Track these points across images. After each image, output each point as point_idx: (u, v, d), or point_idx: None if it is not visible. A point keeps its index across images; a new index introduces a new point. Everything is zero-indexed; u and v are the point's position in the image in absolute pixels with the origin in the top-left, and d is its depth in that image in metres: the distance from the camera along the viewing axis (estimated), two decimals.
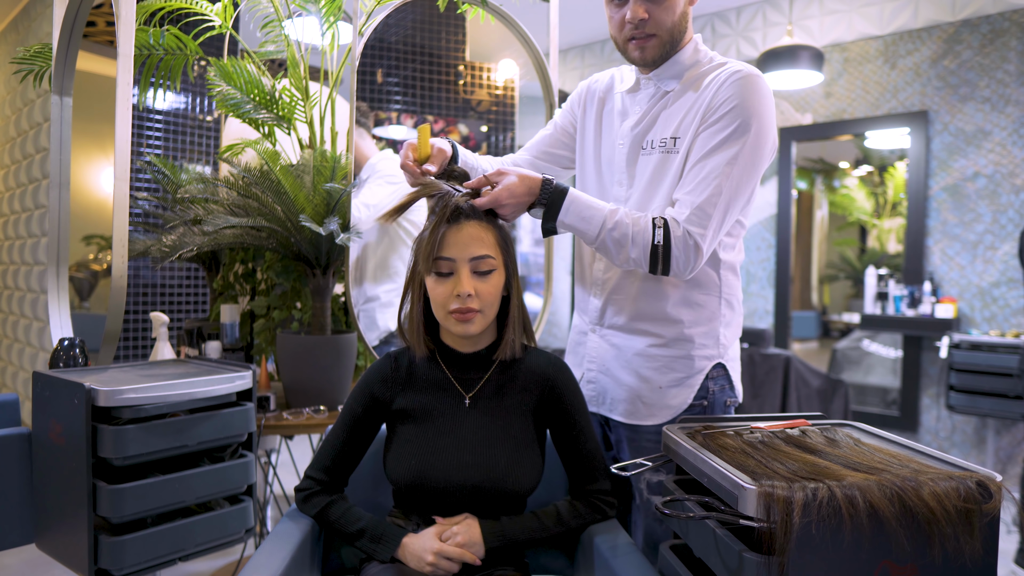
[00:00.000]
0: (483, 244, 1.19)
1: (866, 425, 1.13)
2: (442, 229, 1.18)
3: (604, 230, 1.21)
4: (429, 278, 1.20)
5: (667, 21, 1.25)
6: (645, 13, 1.24)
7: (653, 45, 1.27)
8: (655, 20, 1.24)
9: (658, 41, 1.26)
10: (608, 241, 1.22)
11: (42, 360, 3.66)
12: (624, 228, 1.21)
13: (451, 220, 1.19)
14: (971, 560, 0.81)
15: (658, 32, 1.25)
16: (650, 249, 1.20)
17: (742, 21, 4.48)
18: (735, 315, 1.37)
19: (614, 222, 1.21)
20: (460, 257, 1.17)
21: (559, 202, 1.22)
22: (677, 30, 1.27)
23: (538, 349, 1.32)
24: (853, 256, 6.52)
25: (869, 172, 6.01)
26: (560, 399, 1.26)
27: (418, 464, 1.20)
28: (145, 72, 2.16)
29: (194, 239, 1.85)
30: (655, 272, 1.23)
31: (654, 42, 1.26)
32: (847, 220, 6.35)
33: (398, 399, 1.26)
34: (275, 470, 2.51)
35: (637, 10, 1.23)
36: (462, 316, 1.18)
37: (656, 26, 1.25)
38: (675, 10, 1.25)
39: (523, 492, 1.22)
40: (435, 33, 3.11)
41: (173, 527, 1.42)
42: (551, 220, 1.23)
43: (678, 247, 1.19)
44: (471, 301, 1.17)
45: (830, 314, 6.78)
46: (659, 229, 1.20)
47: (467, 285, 1.16)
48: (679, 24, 1.27)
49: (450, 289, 1.18)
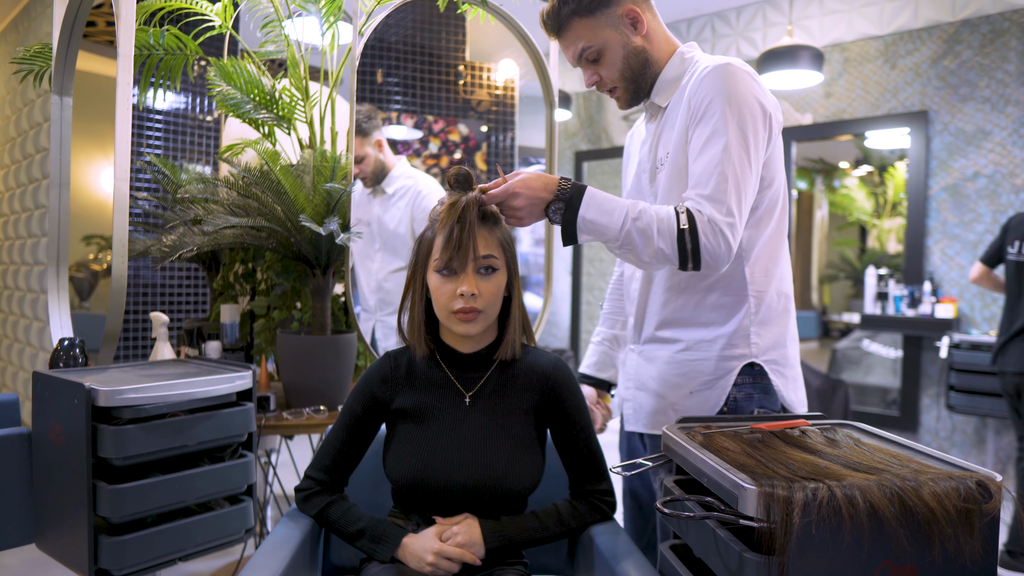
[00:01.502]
0: (488, 244, 1.19)
1: (866, 425, 1.13)
2: (448, 228, 1.18)
3: (628, 220, 1.16)
4: (433, 277, 1.20)
5: (613, 75, 1.33)
6: (596, 76, 1.34)
7: (619, 94, 1.36)
8: (604, 79, 1.34)
9: (620, 90, 1.35)
10: (633, 232, 1.16)
11: (42, 360, 3.66)
12: (648, 217, 1.17)
13: (459, 220, 1.19)
14: (971, 560, 0.81)
15: (615, 84, 1.34)
16: (676, 235, 1.15)
17: (742, 21, 4.48)
18: (770, 311, 1.30)
19: (637, 211, 1.17)
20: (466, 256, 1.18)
21: (579, 196, 1.19)
22: (632, 70, 1.32)
23: (538, 349, 1.32)
24: (853, 256, 6.52)
25: (869, 172, 6.01)
26: (560, 399, 1.27)
27: (418, 463, 1.20)
28: (145, 72, 2.16)
29: (194, 239, 1.85)
30: (686, 265, 1.17)
31: (619, 92, 1.35)
32: (847, 220, 6.35)
33: (398, 398, 1.27)
34: (275, 470, 2.51)
35: (588, 77, 1.35)
36: (465, 316, 1.18)
37: (610, 81, 1.34)
38: (616, 62, 1.31)
39: (523, 491, 1.22)
40: (435, 33, 3.11)
41: (173, 527, 1.42)
42: (571, 213, 1.19)
43: (705, 234, 1.15)
44: (474, 301, 1.17)
45: (830, 314, 6.78)
46: (682, 214, 1.16)
47: (471, 284, 1.17)
48: (630, 65, 1.31)
49: (454, 288, 1.18)
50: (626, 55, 1.30)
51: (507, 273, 1.23)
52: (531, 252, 5.93)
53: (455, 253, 1.17)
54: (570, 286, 5.63)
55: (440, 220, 1.20)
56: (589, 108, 5.45)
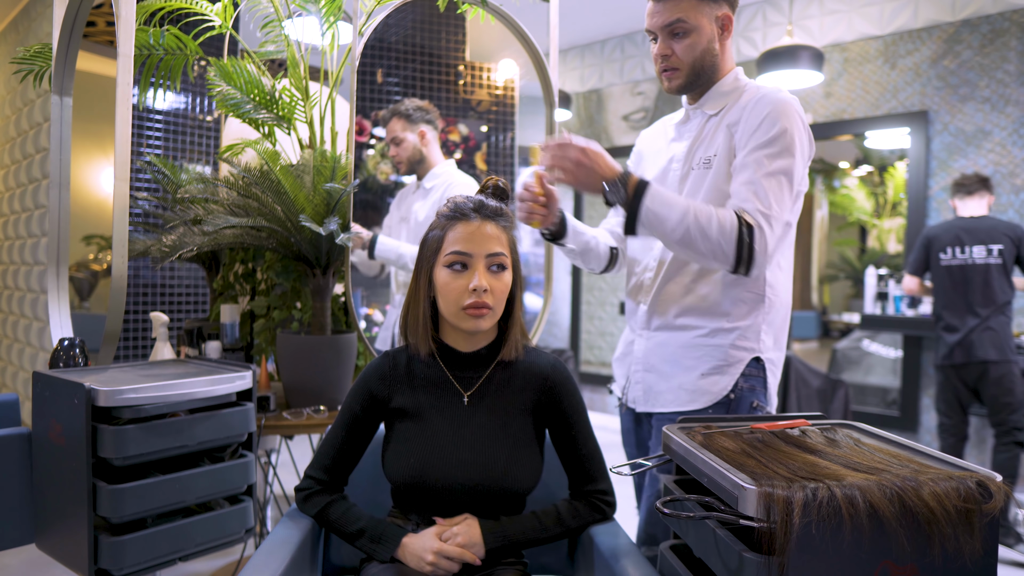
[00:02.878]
0: (499, 242, 1.21)
1: (866, 425, 1.13)
2: (461, 224, 1.20)
3: (690, 213, 1.25)
4: (442, 273, 1.21)
5: (687, 58, 1.38)
6: (668, 50, 1.38)
7: (676, 77, 1.41)
8: (677, 57, 1.38)
9: (680, 74, 1.40)
10: (693, 227, 1.25)
11: (42, 360, 3.66)
12: (708, 213, 1.26)
13: (472, 216, 1.21)
14: (971, 560, 0.81)
15: (680, 67, 1.39)
16: (737, 239, 1.25)
17: (742, 21, 4.48)
18: (776, 315, 1.41)
19: (697, 207, 1.26)
20: (477, 252, 1.19)
21: (644, 186, 1.27)
22: (702, 64, 1.39)
23: (537, 349, 1.32)
24: (853, 256, 6.52)
25: (869, 172, 6.00)
26: (559, 400, 1.27)
27: (417, 462, 1.20)
28: (145, 72, 2.16)
29: (194, 239, 1.85)
30: (738, 268, 1.27)
31: (677, 75, 1.40)
32: (847, 220, 6.35)
33: (396, 397, 1.27)
34: (275, 470, 2.51)
35: (662, 47, 1.39)
36: (476, 311, 1.18)
37: (679, 62, 1.39)
38: (696, 48, 1.37)
39: (522, 491, 1.22)
40: (435, 33, 3.10)
41: (173, 527, 1.42)
42: (637, 199, 1.27)
43: (760, 246, 1.26)
44: (486, 296, 1.18)
45: (830, 314, 6.78)
46: (745, 223, 1.26)
47: (484, 280, 1.18)
48: (703, 59, 1.38)
49: (465, 284, 1.19)
50: (705, 49, 1.38)
51: (512, 274, 1.24)
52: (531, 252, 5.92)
53: (463, 249, 1.18)
54: (570, 286, 5.63)
55: (450, 217, 1.22)
56: (589, 108, 5.45)
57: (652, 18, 1.39)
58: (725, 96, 1.42)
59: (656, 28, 1.38)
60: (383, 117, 2.65)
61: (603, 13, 4.73)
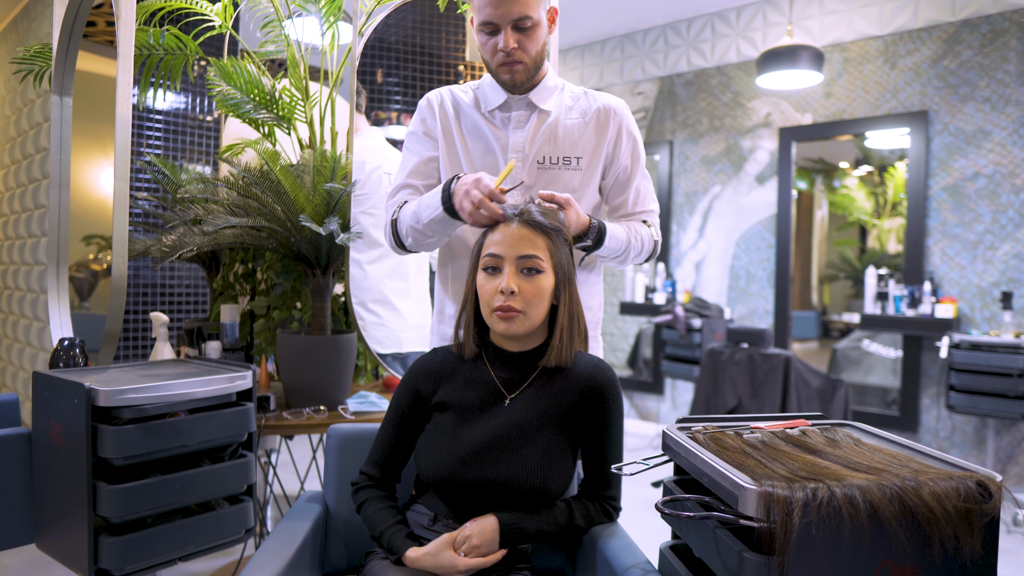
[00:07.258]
0: (532, 245, 1.21)
1: (866, 425, 1.13)
2: (501, 227, 1.23)
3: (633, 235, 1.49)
4: (479, 275, 1.23)
5: (532, 50, 1.43)
6: (515, 43, 1.41)
7: (523, 71, 1.44)
8: (523, 49, 1.42)
9: (525, 68, 1.44)
10: (632, 248, 1.49)
11: (42, 360, 3.66)
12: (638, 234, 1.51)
13: (512, 221, 1.23)
14: (971, 560, 0.81)
15: (525, 60, 1.43)
16: (653, 244, 1.56)
17: (742, 21, 4.48)
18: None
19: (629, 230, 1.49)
20: (507, 255, 1.20)
21: (604, 231, 1.42)
22: (541, 57, 1.46)
23: (587, 353, 1.31)
24: (853, 256, 6.52)
25: (869, 172, 6.01)
26: (600, 402, 1.26)
27: (449, 456, 1.20)
28: (145, 72, 2.16)
29: (194, 239, 1.85)
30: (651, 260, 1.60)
31: (523, 68, 1.44)
32: (847, 220, 6.34)
33: (439, 392, 1.28)
34: (275, 470, 2.51)
35: (509, 40, 1.40)
36: (504, 314, 1.19)
37: (523, 54, 1.42)
38: (539, 42, 1.44)
39: (551, 495, 1.21)
40: (435, 33, 3.10)
41: (173, 527, 1.42)
42: (598, 244, 1.42)
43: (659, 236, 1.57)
44: (513, 299, 1.18)
45: (830, 314, 6.78)
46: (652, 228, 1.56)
47: (511, 282, 1.18)
48: (542, 52, 1.46)
49: (496, 286, 1.20)
50: (544, 43, 1.46)
51: (554, 279, 1.23)
52: None
53: (494, 251, 1.21)
54: None
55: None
56: None
57: (496, 9, 1.36)
58: (551, 92, 1.49)
59: (501, 20, 1.37)
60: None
61: (603, 13, 4.73)
